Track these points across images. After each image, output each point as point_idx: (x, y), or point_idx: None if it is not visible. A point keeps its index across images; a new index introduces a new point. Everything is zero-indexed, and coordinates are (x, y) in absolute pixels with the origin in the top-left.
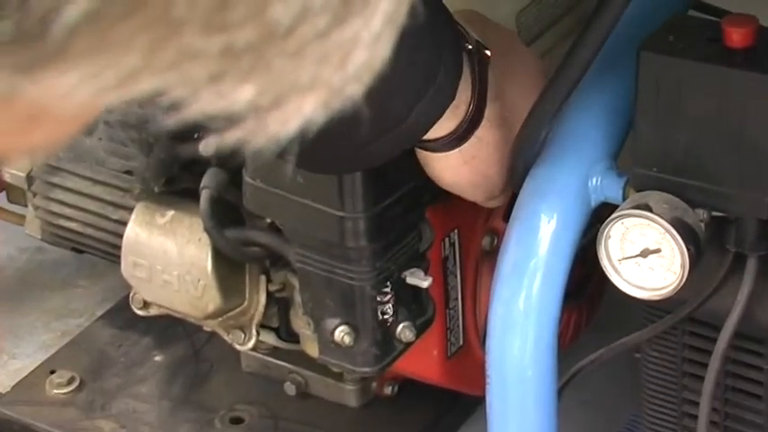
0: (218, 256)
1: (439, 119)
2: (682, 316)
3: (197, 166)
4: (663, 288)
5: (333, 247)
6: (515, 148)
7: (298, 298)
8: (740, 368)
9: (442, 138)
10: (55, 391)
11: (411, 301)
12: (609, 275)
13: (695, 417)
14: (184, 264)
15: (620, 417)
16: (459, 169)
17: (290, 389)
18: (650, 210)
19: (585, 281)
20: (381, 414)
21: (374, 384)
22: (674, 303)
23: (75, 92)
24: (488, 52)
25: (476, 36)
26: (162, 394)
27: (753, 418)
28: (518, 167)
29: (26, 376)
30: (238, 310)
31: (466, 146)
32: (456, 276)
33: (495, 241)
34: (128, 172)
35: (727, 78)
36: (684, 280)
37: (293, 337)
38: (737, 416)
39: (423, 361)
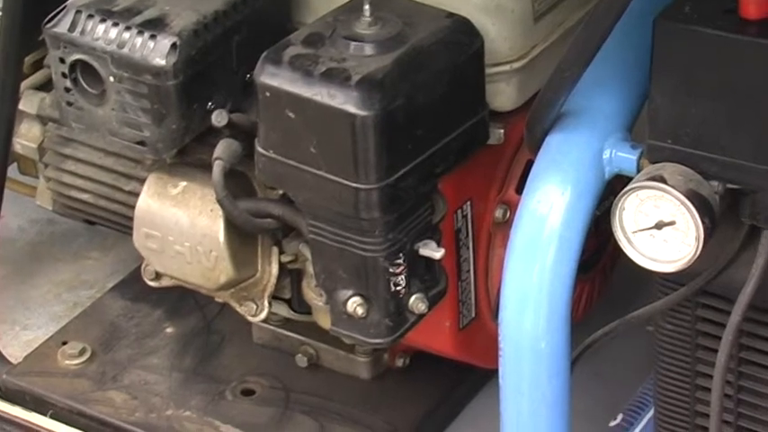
0: (231, 227)
1: None
2: (695, 288)
3: (210, 136)
4: (677, 260)
5: (346, 219)
6: (533, 114)
7: (310, 269)
8: (754, 341)
9: None
10: (66, 362)
11: (424, 272)
12: (623, 247)
13: (708, 390)
14: (196, 235)
15: (633, 389)
16: None
17: (301, 361)
18: (665, 182)
19: (599, 253)
20: (393, 386)
21: (386, 356)
22: (688, 276)
23: None
24: None
25: None
26: (173, 366)
27: (766, 391)
28: (536, 133)
29: (38, 347)
30: (250, 281)
31: None
32: (468, 248)
33: (508, 213)
34: (140, 143)
35: (743, 48)
36: (699, 252)
37: (305, 309)
38: (751, 389)
39: (435, 333)
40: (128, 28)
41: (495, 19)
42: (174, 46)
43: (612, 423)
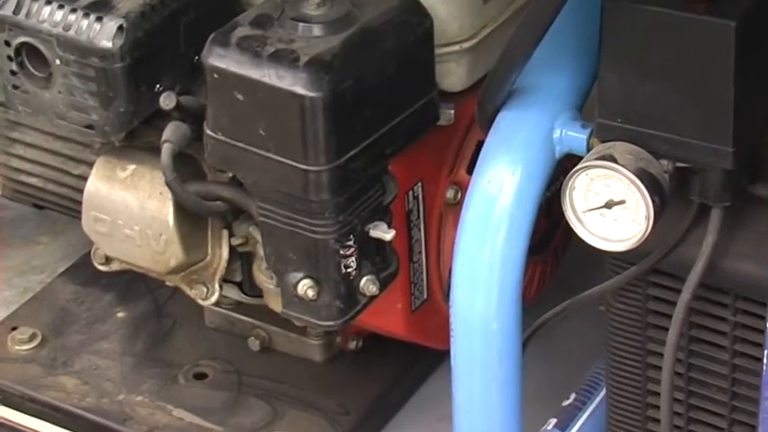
0: (180, 210)
1: None
2: (646, 267)
3: (158, 119)
4: (627, 239)
5: (296, 201)
6: (484, 92)
7: (261, 252)
8: (705, 319)
9: None
10: (16, 347)
11: (374, 254)
12: (573, 227)
13: (659, 368)
14: (146, 218)
15: (585, 369)
16: None
17: (253, 344)
18: (615, 161)
19: (550, 234)
20: (346, 369)
21: (338, 339)
22: (639, 255)
23: None
24: None
25: None
26: (125, 350)
27: (717, 369)
28: (487, 111)
29: None
30: (201, 264)
31: None
32: (420, 229)
33: (460, 194)
34: (88, 126)
35: (691, 26)
36: (649, 231)
37: (256, 292)
38: (702, 366)
39: (387, 315)
40: (73, 10)
41: None
42: (120, 28)
43: (565, 403)
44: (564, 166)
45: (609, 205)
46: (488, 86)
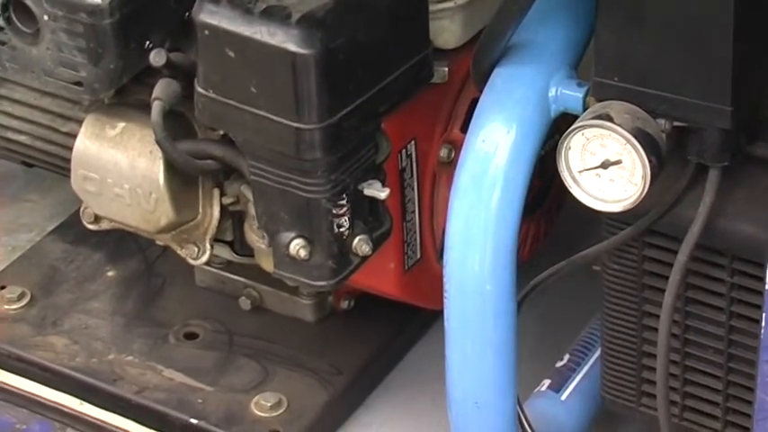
0: (171, 168)
1: None
2: (642, 228)
3: (148, 76)
4: (623, 200)
5: (288, 159)
6: (480, 47)
7: (252, 211)
8: (701, 280)
9: None
10: (5, 306)
11: (367, 213)
12: (569, 187)
13: (655, 329)
14: (136, 177)
15: (579, 330)
16: None
17: (244, 303)
18: (611, 120)
19: (544, 193)
20: (338, 329)
21: (330, 299)
22: (635, 215)
23: None
24: None
25: None
26: (115, 310)
27: (713, 331)
28: (483, 66)
29: None
30: (192, 223)
31: None
32: (413, 188)
33: (453, 153)
34: (77, 83)
35: None
36: (645, 192)
37: (248, 252)
38: (698, 328)
39: (380, 274)
40: None
41: None
42: None
43: (559, 364)
44: (558, 125)
45: (605, 165)
46: (484, 42)
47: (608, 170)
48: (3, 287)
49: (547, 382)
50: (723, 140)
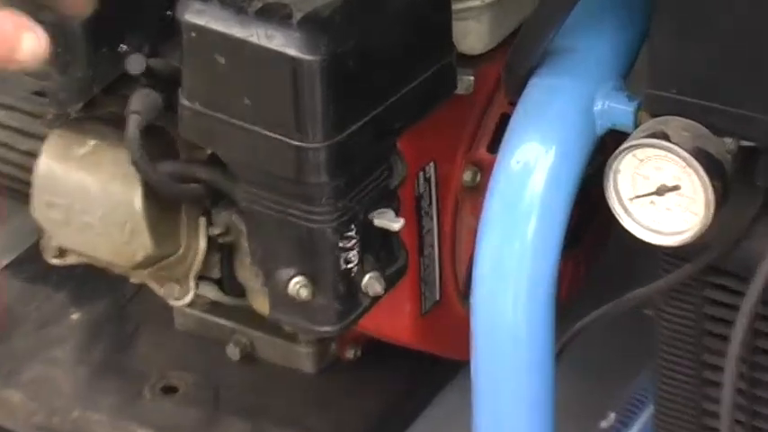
0: (149, 194)
1: None
2: (703, 265)
3: (123, 86)
4: (682, 232)
5: (287, 184)
6: (515, 51)
7: (245, 244)
8: None
9: None
10: None
11: (379, 247)
12: (618, 217)
13: (718, 384)
14: (109, 203)
15: (627, 384)
16: None
17: (233, 352)
18: (668, 138)
19: (585, 223)
20: (342, 382)
21: (334, 347)
22: (695, 250)
23: None
24: None
25: None
26: (80, 359)
27: None
28: (517, 75)
29: None
30: (173, 258)
31: None
32: (432, 218)
33: (480, 176)
34: (39, 93)
35: None
36: (708, 222)
37: (238, 291)
38: None
39: (392, 318)
40: None
41: None
42: None
43: (604, 423)
44: (605, 143)
45: (660, 191)
46: (519, 46)
47: (664, 197)
48: None
49: None
50: None
